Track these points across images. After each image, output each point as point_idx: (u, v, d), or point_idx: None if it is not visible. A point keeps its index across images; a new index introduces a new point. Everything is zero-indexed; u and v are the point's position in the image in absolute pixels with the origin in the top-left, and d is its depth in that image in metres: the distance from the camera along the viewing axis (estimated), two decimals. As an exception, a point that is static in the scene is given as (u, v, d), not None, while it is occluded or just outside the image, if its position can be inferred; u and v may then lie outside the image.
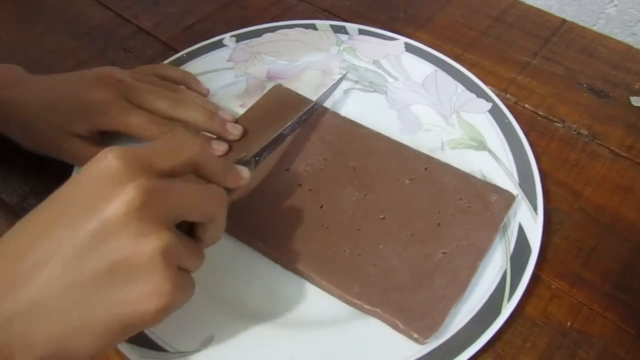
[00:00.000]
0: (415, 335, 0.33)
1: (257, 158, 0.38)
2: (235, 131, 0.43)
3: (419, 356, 0.33)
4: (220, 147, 0.42)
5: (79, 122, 0.39)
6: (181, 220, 0.28)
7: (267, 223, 0.38)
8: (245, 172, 0.34)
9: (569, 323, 0.37)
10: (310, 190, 0.40)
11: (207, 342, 0.34)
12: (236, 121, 0.44)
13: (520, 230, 0.38)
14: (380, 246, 0.37)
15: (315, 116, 0.45)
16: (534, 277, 0.38)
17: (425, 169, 0.41)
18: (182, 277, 0.27)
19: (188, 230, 0.30)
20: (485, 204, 0.39)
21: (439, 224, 0.38)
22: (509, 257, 0.37)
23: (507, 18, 0.58)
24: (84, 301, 0.25)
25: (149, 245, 0.25)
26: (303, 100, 0.46)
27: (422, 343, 0.33)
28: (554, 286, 0.38)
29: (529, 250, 0.37)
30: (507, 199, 0.39)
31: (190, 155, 0.29)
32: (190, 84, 0.46)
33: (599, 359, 0.35)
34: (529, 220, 0.38)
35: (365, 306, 0.35)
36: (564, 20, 0.58)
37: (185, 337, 0.34)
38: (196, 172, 0.30)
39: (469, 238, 0.37)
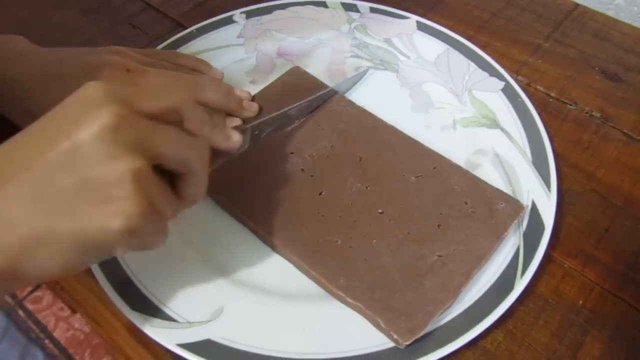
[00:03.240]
0: (395, 337, 0.32)
1: (257, 131, 0.37)
2: (251, 108, 0.42)
3: (431, 329, 0.32)
4: (234, 123, 0.41)
5: None
6: (157, 162, 0.27)
7: (262, 204, 0.38)
8: (235, 135, 0.33)
9: (581, 302, 0.36)
10: (311, 176, 0.39)
11: (217, 313, 0.33)
12: (252, 99, 0.43)
13: (534, 208, 0.38)
14: (374, 241, 0.36)
15: (330, 103, 0.44)
16: (546, 256, 0.37)
17: (434, 167, 0.39)
18: (151, 211, 0.27)
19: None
20: (491, 211, 0.37)
21: (439, 226, 0.37)
22: (522, 234, 0.37)
23: (519, 1, 0.57)
24: (49, 213, 0.25)
25: (119, 166, 0.25)
26: (320, 85, 0.45)
27: (401, 345, 0.32)
28: (566, 265, 0.38)
29: (542, 228, 0.37)
30: (515, 208, 0.37)
31: (177, 102, 0.29)
32: (203, 71, 0.45)
33: (612, 338, 0.35)
34: (542, 199, 0.38)
35: (349, 300, 0.33)
36: (576, 4, 0.57)
37: (195, 308, 0.33)
38: (182, 123, 0.30)
39: (468, 244, 0.35)
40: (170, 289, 0.34)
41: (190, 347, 0.32)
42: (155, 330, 0.32)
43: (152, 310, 0.33)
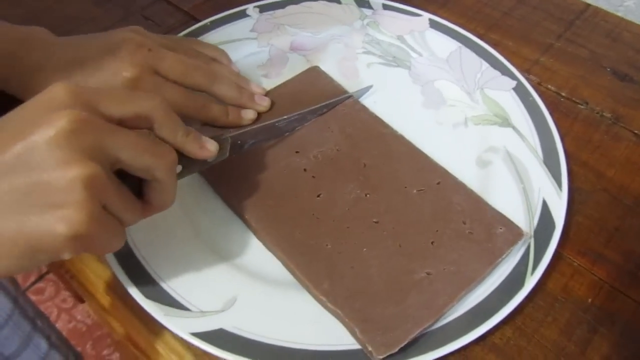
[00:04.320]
0: (370, 349, 0.31)
1: (239, 141, 0.37)
2: (263, 102, 0.43)
3: (442, 323, 0.33)
4: (248, 115, 0.42)
5: None
6: (118, 167, 0.28)
7: (259, 199, 0.37)
8: (211, 145, 0.33)
9: (589, 300, 0.37)
10: (313, 177, 0.39)
11: (230, 304, 0.34)
12: (267, 94, 0.44)
13: (545, 206, 0.38)
14: (364, 250, 0.35)
15: (343, 106, 0.43)
16: (556, 254, 0.37)
17: (438, 183, 0.39)
18: (105, 218, 0.27)
19: (137, 190, 0.30)
20: (489, 234, 0.36)
21: (432, 243, 0.36)
22: (532, 231, 0.37)
23: (531, 0, 0.58)
24: None
25: (70, 172, 0.25)
26: (336, 87, 0.45)
27: (374, 359, 0.31)
28: (575, 263, 0.38)
29: (552, 226, 0.37)
30: (515, 235, 0.36)
31: (143, 108, 0.29)
32: (221, 61, 0.45)
33: (621, 336, 0.35)
34: (553, 197, 0.38)
35: (329, 305, 0.33)
36: (587, 5, 0.57)
37: (208, 298, 0.34)
38: (152, 129, 0.30)
39: (459, 265, 0.34)
40: (184, 279, 0.35)
41: (203, 336, 0.32)
42: (169, 319, 0.33)
43: (166, 299, 0.33)
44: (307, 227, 0.36)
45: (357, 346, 0.32)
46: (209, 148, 0.33)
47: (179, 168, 0.32)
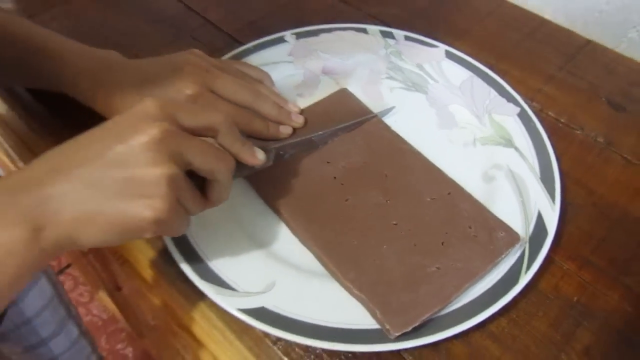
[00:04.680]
0: (387, 327, 0.37)
1: (281, 152, 0.44)
2: (299, 120, 0.49)
3: (448, 311, 0.39)
4: (285, 130, 0.48)
5: None
6: (190, 168, 0.35)
7: (296, 201, 0.44)
8: (260, 154, 0.40)
9: (575, 298, 0.43)
10: (342, 184, 0.45)
11: (270, 287, 0.40)
12: (301, 112, 0.50)
13: (539, 216, 0.44)
14: (384, 247, 0.41)
15: (369, 124, 0.50)
16: (548, 259, 0.44)
17: (449, 193, 0.44)
18: (178, 208, 0.34)
19: (200, 188, 0.37)
20: (491, 238, 0.42)
21: (442, 243, 0.41)
22: (528, 237, 0.43)
23: (537, 35, 0.64)
24: (100, 199, 0.32)
25: (158, 170, 0.32)
26: (362, 108, 0.51)
27: (391, 335, 0.37)
28: (565, 267, 0.44)
29: (545, 234, 0.43)
30: (513, 238, 0.42)
31: (212, 121, 0.36)
32: (265, 82, 0.51)
33: (600, 329, 0.41)
34: (547, 209, 0.44)
35: (355, 291, 0.39)
36: (588, 40, 0.63)
37: (252, 281, 0.40)
38: (216, 138, 0.37)
39: (465, 262, 0.40)
40: (232, 266, 0.41)
41: (247, 312, 0.38)
42: (220, 297, 0.39)
43: (218, 281, 0.40)
44: (336, 226, 0.42)
45: (374, 326, 0.39)
46: (259, 157, 0.40)
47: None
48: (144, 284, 0.51)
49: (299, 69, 0.56)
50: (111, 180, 0.32)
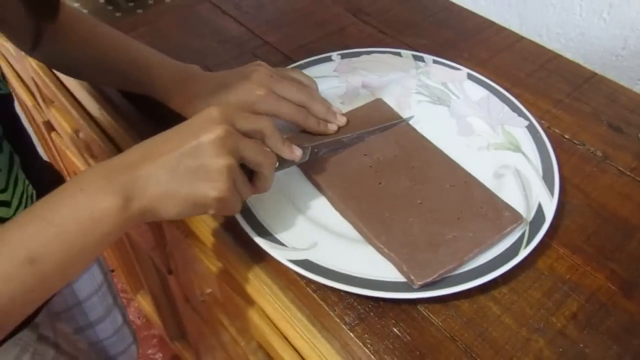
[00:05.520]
0: (412, 277, 0.45)
1: (316, 150, 0.54)
2: (342, 120, 0.60)
3: (459, 272, 0.47)
4: (332, 127, 0.59)
5: (245, 108, 0.56)
6: (243, 162, 0.44)
7: (338, 182, 0.54)
8: (298, 151, 0.50)
9: (567, 276, 0.50)
10: (376, 171, 0.55)
11: (313, 245, 0.50)
12: (344, 114, 0.61)
13: (539, 206, 0.53)
14: (410, 219, 0.50)
15: (399, 126, 0.60)
16: (546, 244, 0.52)
17: (465, 182, 0.53)
18: (234, 191, 0.43)
19: (250, 178, 0.47)
20: (498, 216, 0.50)
21: (458, 218, 0.50)
22: (529, 222, 0.51)
23: (549, 66, 0.74)
24: (177, 181, 0.41)
25: (221, 161, 0.41)
26: (394, 114, 0.61)
27: (415, 285, 0.45)
28: (560, 251, 0.52)
29: (543, 220, 0.52)
30: (516, 217, 0.50)
31: (260, 126, 0.46)
32: (314, 87, 0.62)
33: (587, 301, 0.49)
34: (546, 201, 0.53)
35: (385, 250, 0.48)
36: (594, 73, 0.73)
37: (298, 240, 0.50)
38: (263, 139, 0.47)
39: (476, 232, 0.49)
40: (284, 228, 0.51)
41: (295, 262, 0.48)
42: (273, 250, 0.49)
43: (271, 238, 0.50)
44: (371, 201, 0.52)
45: (396, 279, 0.47)
46: (297, 153, 0.51)
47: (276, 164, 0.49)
48: (204, 254, 0.61)
49: (342, 82, 0.67)
50: (186, 167, 0.41)
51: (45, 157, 0.99)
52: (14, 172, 0.54)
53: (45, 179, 0.64)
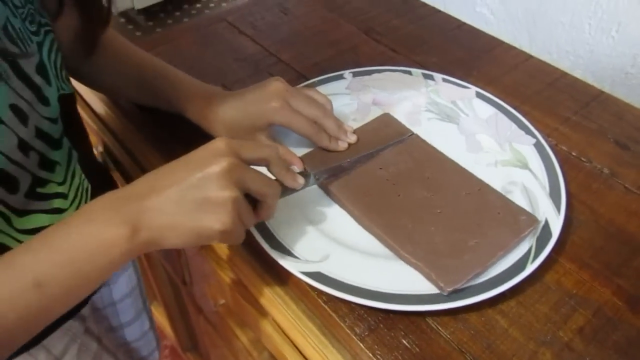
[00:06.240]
0: (441, 284, 0.47)
1: (317, 176, 0.56)
2: (352, 138, 0.62)
3: (468, 285, 0.49)
4: (342, 145, 0.61)
5: (262, 120, 0.58)
6: (247, 192, 0.45)
7: (359, 197, 0.55)
8: (300, 179, 0.52)
9: (574, 291, 0.52)
10: (393, 184, 0.57)
11: (325, 258, 0.51)
12: (355, 130, 0.63)
13: (546, 222, 0.54)
14: (432, 228, 0.52)
15: (411, 139, 0.62)
16: (553, 259, 0.53)
17: (479, 189, 0.56)
18: (239, 222, 0.44)
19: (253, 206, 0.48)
20: (515, 220, 0.52)
21: (478, 224, 0.52)
22: (535, 237, 0.53)
23: (557, 84, 0.75)
24: (182, 213, 0.42)
25: (226, 194, 0.42)
26: (402, 128, 0.63)
27: (445, 291, 0.47)
28: (567, 266, 0.53)
29: (550, 236, 0.53)
30: (532, 220, 0.52)
31: (264, 155, 0.48)
32: (328, 107, 0.64)
33: (593, 316, 0.50)
34: (553, 217, 0.54)
35: (412, 260, 0.49)
36: (601, 91, 0.74)
37: (311, 253, 0.52)
38: (267, 167, 0.49)
39: (496, 237, 0.51)
40: (297, 241, 0.53)
41: (307, 274, 0.49)
42: (286, 262, 0.50)
43: (285, 251, 0.52)
44: (393, 214, 0.54)
45: (404, 292, 0.49)
46: (299, 181, 0.52)
47: None
48: (218, 265, 0.63)
49: (353, 99, 0.69)
50: (191, 199, 0.42)
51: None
52: (72, 167, 0.57)
53: (98, 175, 0.67)
